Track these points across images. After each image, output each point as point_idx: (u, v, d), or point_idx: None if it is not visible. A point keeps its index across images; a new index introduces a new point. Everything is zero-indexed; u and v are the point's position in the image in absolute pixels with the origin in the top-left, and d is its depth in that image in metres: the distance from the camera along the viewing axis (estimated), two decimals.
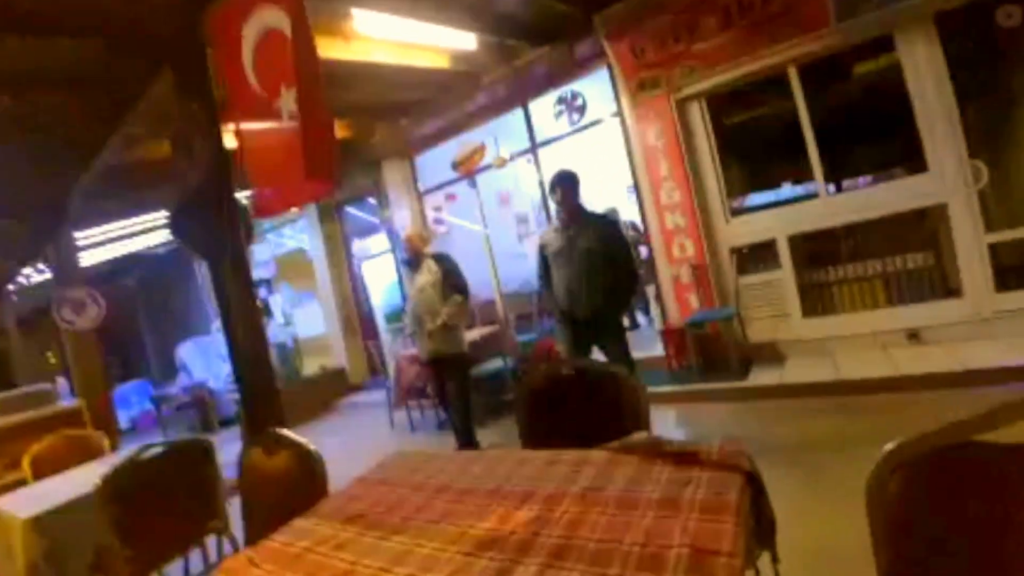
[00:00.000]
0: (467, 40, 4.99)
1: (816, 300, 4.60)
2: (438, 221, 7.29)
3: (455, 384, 3.93)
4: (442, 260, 3.93)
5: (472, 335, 5.40)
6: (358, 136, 6.27)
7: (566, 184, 3.33)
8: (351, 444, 3.93)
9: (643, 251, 6.52)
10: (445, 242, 7.30)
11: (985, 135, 3.95)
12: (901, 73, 4.00)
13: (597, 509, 1.13)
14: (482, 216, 6.67)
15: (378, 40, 4.51)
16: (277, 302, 8.29)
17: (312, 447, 1.76)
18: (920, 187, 4.02)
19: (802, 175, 4.53)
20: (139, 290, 11.64)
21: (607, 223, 3.52)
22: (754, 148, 4.91)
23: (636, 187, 5.23)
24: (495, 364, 5.08)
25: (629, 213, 6.82)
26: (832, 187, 4.39)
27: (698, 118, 4.87)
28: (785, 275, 4.61)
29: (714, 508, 1.02)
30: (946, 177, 3.89)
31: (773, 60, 4.39)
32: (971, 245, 3.84)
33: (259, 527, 1.85)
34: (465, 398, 3.95)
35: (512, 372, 4.94)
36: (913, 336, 4.06)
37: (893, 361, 3.87)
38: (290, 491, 1.75)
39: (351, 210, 8.50)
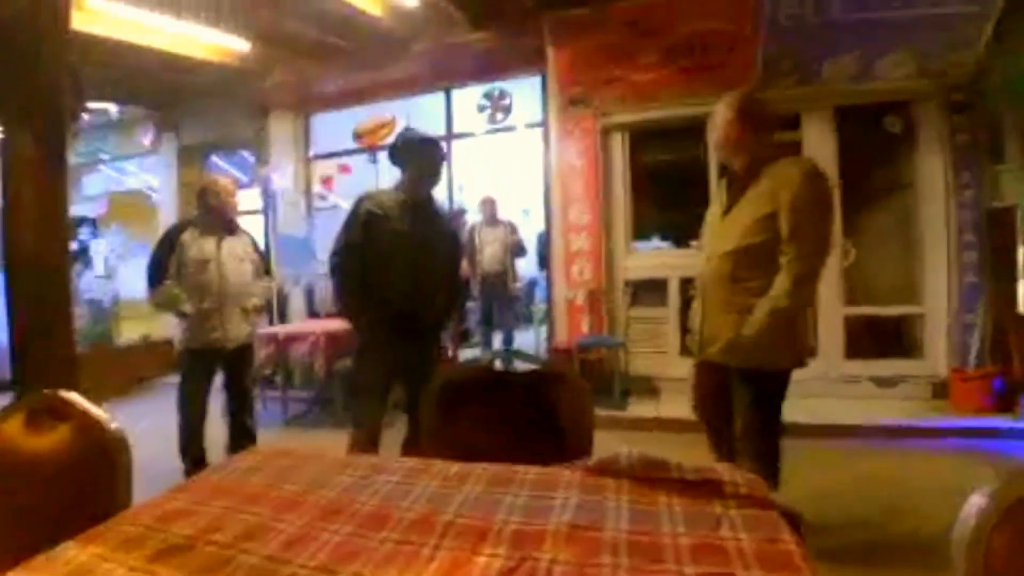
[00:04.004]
0: None
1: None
2: (322, 196, 6.53)
3: (247, 379, 3.29)
4: (249, 234, 3.29)
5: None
6: (248, 71, 5.32)
7: (439, 153, 2.71)
8: (169, 434, 3.05)
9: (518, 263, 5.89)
10: (328, 217, 6.55)
11: (855, 220, 4.48)
12: (800, 151, 4.41)
13: (604, 557, 0.79)
14: None
15: None
16: (100, 249, 6.64)
17: (113, 424, 1.17)
18: None
19: (700, 224, 4.75)
20: None
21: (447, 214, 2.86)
22: (662, 189, 5.09)
23: (547, 201, 5.12)
24: None
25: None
26: None
27: (619, 148, 4.92)
28: (671, 314, 4.78)
29: (777, 562, 0.74)
30: None
31: (696, 111, 4.58)
32: (832, 314, 4.29)
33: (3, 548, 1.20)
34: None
35: None
36: None
37: None
38: (67, 491, 1.13)
39: (219, 161, 7.29)
